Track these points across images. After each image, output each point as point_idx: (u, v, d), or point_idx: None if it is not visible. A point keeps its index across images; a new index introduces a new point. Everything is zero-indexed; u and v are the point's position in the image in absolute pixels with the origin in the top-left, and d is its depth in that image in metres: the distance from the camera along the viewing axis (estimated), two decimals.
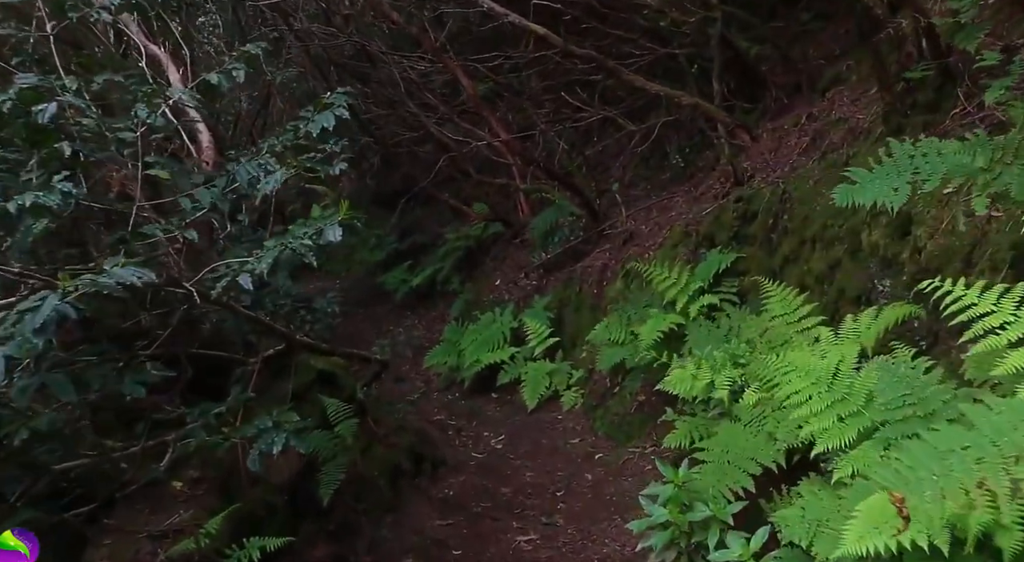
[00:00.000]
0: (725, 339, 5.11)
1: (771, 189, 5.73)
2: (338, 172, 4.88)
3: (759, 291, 5.62)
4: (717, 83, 7.51)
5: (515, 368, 8.10)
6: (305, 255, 3.25)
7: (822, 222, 5.02)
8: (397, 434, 5.39)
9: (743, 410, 4.34)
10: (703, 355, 4.77)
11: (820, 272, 4.96)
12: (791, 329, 4.62)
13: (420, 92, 10.08)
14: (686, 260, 6.52)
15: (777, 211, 5.59)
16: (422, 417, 8.21)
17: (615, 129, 10.20)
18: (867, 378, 3.54)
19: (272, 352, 4.61)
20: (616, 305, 7.31)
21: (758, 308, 5.51)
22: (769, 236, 5.65)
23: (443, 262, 11.51)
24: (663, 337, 5.82)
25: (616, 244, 8.02)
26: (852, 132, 5.49)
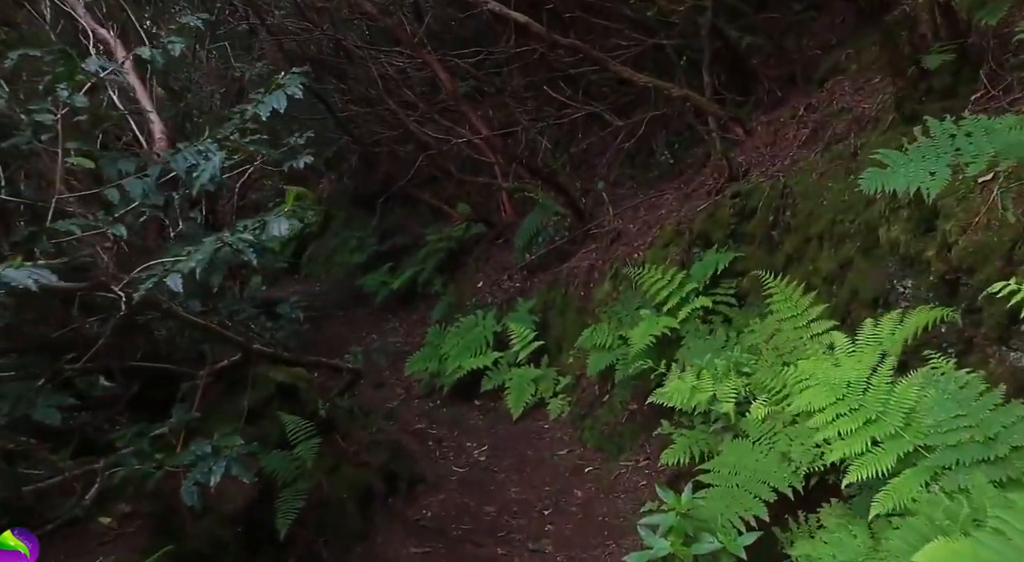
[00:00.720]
0: (725, 345, 4.57)
1: (771, 184, 5.21)
2: (302, 166, 4.34)
3: (760, 292, 5.09)
4: (707, 75, 7.00)
5: (499, 374, 7.53)
6: (244, 252, 2.66)
7: (830, 218, 4.49)
8: (370, 451, 4.80)
9: (750, 425, 3.80)
10: (703, 364, 4.22)
11: (829, 272, 4.44)
12: (800, 334, 4.09)
13: (399, 89, 9.49)
14: (679, 260, 5.98)
15: (778, 207, 5.06)
16: (401, 427, 7.62)
17: (600, 126, 9.68)
18: (904, 394, 3.02)
19: (226, 363, 4.01)
20: (604, 308, 6.77)
21: (760, 311, 4.99)
22: (769, 234, 5.12)
23: (424, 264, 10.92)
24: (656, 342, 5.27)
25: (603, 244, 7.47)
26: (858, 122, 4.98)
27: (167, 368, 3.83)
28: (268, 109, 3.19)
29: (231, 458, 2.78)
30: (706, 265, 5.47)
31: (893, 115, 4.58)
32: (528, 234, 8.46)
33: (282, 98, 3.20)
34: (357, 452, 4.65)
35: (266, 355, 4.26)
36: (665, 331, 5.26)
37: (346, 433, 4.82)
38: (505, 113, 10.05)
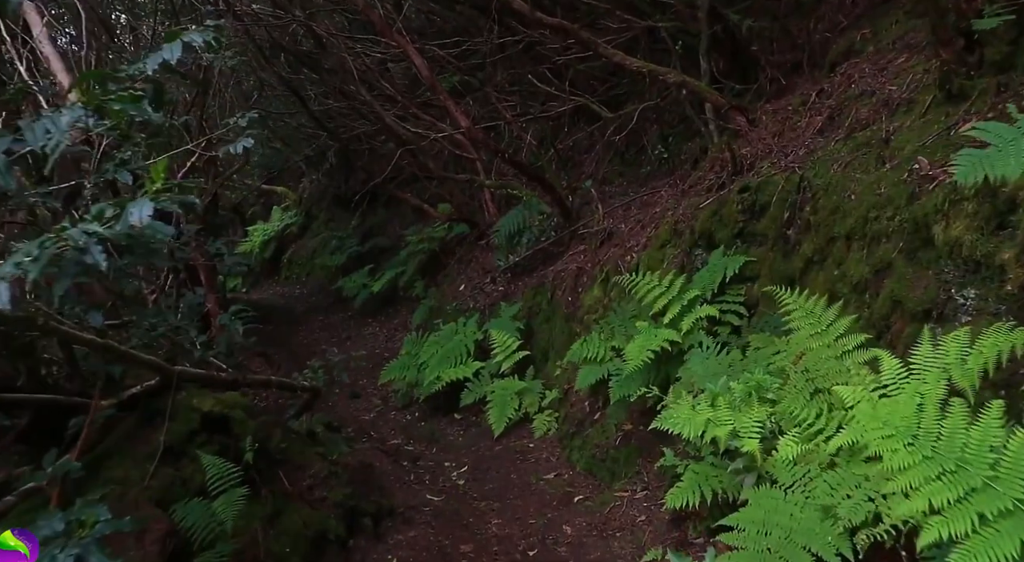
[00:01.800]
0: (741, 364, 3.73)
1: (785, 177, 4.39)
2: (240, 150, 3.48)
3: (774, 301, 4.27)
4: (705, 62, 6.18)
5: (480, 386, 6.68)
6: (89, 250, 1.79)
7: (861, 214, 3.67)
8: (328, 483, 3.94)
9: (779, 467, 2.97)
10: (717, 389, 3.39)
11: (860, 278, 3.62)
12: (833, 353, 3.26)
13: (377, 81, 8.61)
14: (678, 263, 5.15)
15: (794, 203, 4.24)
16: (375, 442, 6.76)
17: (587, 121, 8.84)
18: (985, 433, 2.21)
19: (139, 390, 3.15)
20: (595, 315, 5.94)
21: (776, 323, 4.16)
22: (784, 233, 4.30)
23: (405, 266, 10.07)
24: (654, 358, 4.44)
25: (592, 245, 6.63)
26: (886, 105, 4.17)
27: (54, 399, 2.96)
28: (155, 63, 2.31)
29: (90, 541, 1.93)
30: (712, 270, 4.65)
31: (934, 94, 3.77)
32: (509, 232, 7.61)
33: (176, 49, 2.32)
34: (311, 487, 3.80)
35: (195, 378, 3.38)
36: (665, 345, 4.43)
37: (301, 463, 3.97)
38: (488, 109, 9.19)
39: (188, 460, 3.07)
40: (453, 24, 10.10)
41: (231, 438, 3.28)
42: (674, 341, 4.45)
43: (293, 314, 11.66)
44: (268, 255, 13.23)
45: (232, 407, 3.36)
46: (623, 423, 5.11)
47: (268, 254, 13.22)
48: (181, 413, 3.17)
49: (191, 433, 3.17)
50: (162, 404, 3.14)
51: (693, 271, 4.94)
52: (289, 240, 13.10)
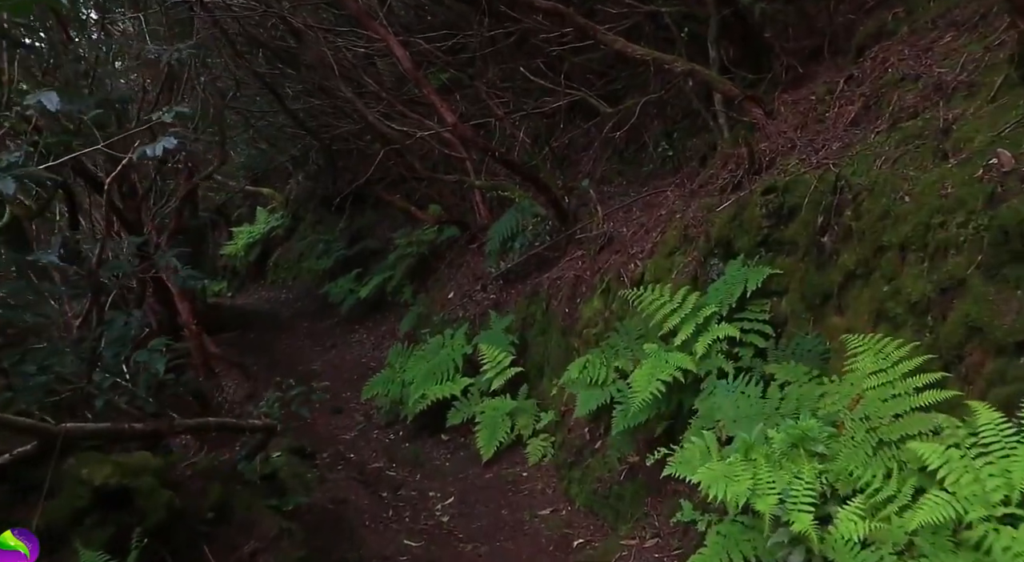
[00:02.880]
0: (776, 402, 3.00)
1: (817, 175, 3.66)
2: (160, 152, 2.76)
3: (806, 318, 3.55)
4: (714, 50, 5.45)
5: (468, 406, 5.94)
6: None
7: (921, 219, 2.95)
8: (277, 546, 3.20)
9: (839, 550, 2.24)
10: (751, 438, 2.65)
11: (921, 297, 2.89)
12: (900, 400, 2.53)
13: (359, 76, 7.85)
14: (690, 273, 4.42)
15: (830, 205, 3.51)
16: (355, 465, 6.03)
17: (583, 118, 8.10)
18: None
19: (8, 458, 2.37)
20: (594, 329, 5.21)
21: (808, 345, 3.44)
22: (818, 241, 3.57)
23: (393, 270, 9.33)
24: (665, 390, 3.71)
25: (591, 250, 5.90)
26: (938, 90, 3.44)
27: None
28: None
29: None
30: (730, 282, 3.91)
31: (1006, 74, 3.04)
32: (501, 236, 6.87)
33: None
34: (255, 554, 3.06)
35: (95, 434, 2.61)
36: (678, 375, 3.69)
37: (247, 521, 3.23)
38: (479, 106, 8.44)
39: (71, 552, 2.31)
40: (442, 18, 9.34)
41: (134, 515, 2.51)
42: (688, 369, 3.71)
43: (278, 320, 10.91)
44: (253, 258, 12.47)
45: (138, 473, 2.59)
46: (628, 455, 4.38)
47: (253, 257, 12.46)
48: (66, 486, 2.41)
49: (78, 513, 2.40)
50: (42, 475, 2.38)
51: (707, 283, 4.20)
52: (275, 243, 12.34)
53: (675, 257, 4.73)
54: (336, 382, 8.35)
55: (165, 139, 2.82)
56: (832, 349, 3.40)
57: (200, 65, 7.80)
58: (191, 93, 8.03)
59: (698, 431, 3.49)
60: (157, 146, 2.80)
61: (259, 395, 8.26)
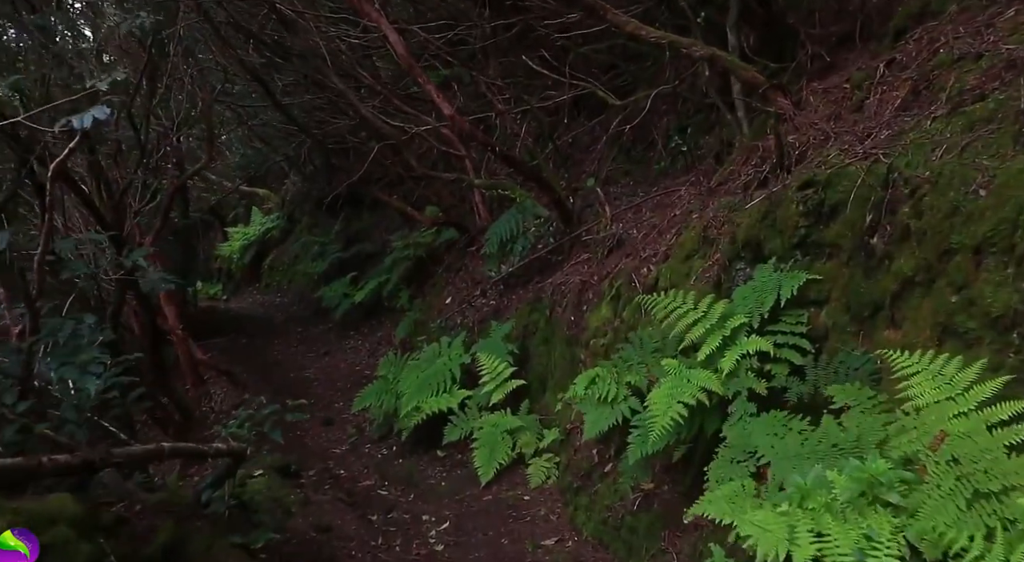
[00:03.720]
0: (834, 436, 2.45)
1: (864, 167, 3.13)
2: (89, 123, 2.24)
3: (850, 332, 3.02)
4: (734, 36, 4.93)
5: (466, 421, 5.41)
6: None
7: (1004, 216, 2.42)
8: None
9: None
10: (808, 483, 2.12)
11: (1004, 310, 2.36)
12: (992, 437, 2.00)
13: (353, 68, 7.34)
14: (712, 279, 3.89)
15: (881, 201, 2.98)
16: (344, 483, 5.50)
17: (588, 115, 7.59)
18: None
19: None
20: (603, 339, 4.68)
21: (855, 363, 2.91)
22: (866, 242, 3.04)
23: (389, 274, 8.80)
24: (687, 414, 3.18)
25: (598, 254, 5.37)
26: (1011, 68, 2.92)
27: None
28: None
29: None
30: (760, 289, 3.38)
31: None
32: (501, 238, 6.35)
33: None
34: None
35: None
36: (702, 397, 3.16)
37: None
38: (479, 103, 7.93)
39: None
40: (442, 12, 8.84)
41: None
42: (714, 390, 3.17)
43: (271, 325, 10.38)
44: (248, 260, 11.95)
45: (51, 523, 2.08)
46: (642, 482, 3.84)
47: (248, 259, 11.93)
48: None
49: None
50: None
51: (732, 289, 3.67)
52: (271, 245, 11.82)
53: (693, 261, 4.20)
54: (329, 391, 7.83)
55: (96, 108, 2.30)
56: (884, 368, 2.87)
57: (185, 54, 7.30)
58: (179, 85, 7.53)
59: (727, 463, 2.97)
60: (86, 117, 2.29)
61: (248, 404, 7.75)
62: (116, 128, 7.11)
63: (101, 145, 6.44)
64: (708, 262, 4.07)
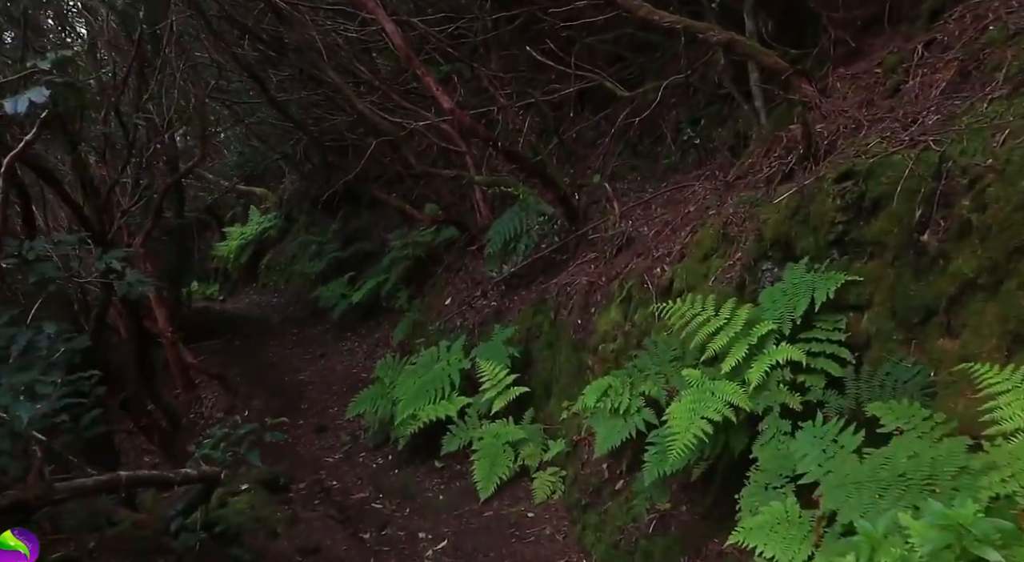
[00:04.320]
0: (901, 472, 2.05)
1: (913, 155, 2.73)
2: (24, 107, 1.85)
3: (897, 341, 2.63)
4: (751, 21, 4.54)
5: (465, 430, 5.02)
6: None
7: None
8: None
9: None
10: (880, 530, 1.72)
11: None
12: None
13: (350, 62, 6.94)
14: (734, 280, 3.50)
15: (934, 193, 2.59)
16: (337, 496, 5.12)
17: (592, 110, 7.19)
18: None
19: None
20: (612, 344, 4.29)
21: (904, 375, 2.53)
22: (916, 240, 2.65)
23: (388, 274, 8.41)
24: (712, 431, 2.79)
25: (606, 253, 4.98)
26: None
27: None
28: None
29: None
30: (790, 292, 2.99)
31: None
32: (503, 237, 5.95)
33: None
34: None
35: None
36: (728, 413, 2.77)
37: None
38: (481, 98, 7.53)
39: None
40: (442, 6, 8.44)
41: None
42: (742, 406, 2.78)
43: (267, 326, 9.99)
44: (245, 260, 11.55)
45: None
46: (659, 503, 3.45)
47: (245, 259, 11.54)
48: None
49: None
50: None
51: (758, 292, 3.28)
52: (268, 244, 11.42)
53: (712, 261, 3.81)
54: (324, 395, 7.45)
55: (33, 91, 1.92)
56: (940, 382, 2.48)
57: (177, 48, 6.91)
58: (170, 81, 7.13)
59: (760, 490, 2.58)
60: (20, 100, 1.91)
61: (240, 409, 7.36)
62: (104, 123, 6.74)
63: (84, 141, 6.05)
64: (729, 262, 3.68)
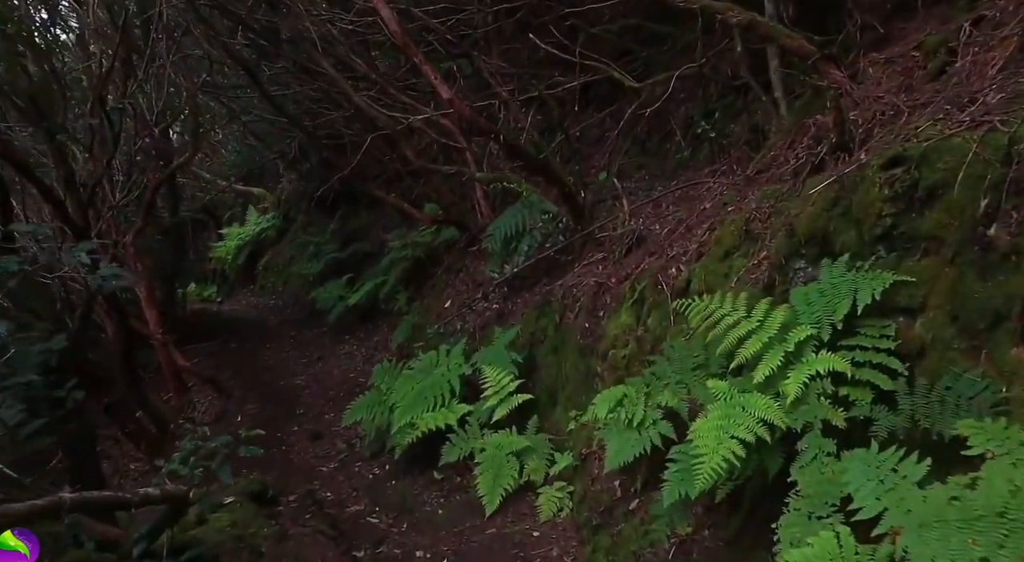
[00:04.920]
0: (1001, 509, 1.68)
1: (976, 137, 2.36)
2: None
3: (965, 351, 2.26)
4: (771, 4, 4.16)
5: (466, 441, 4.64)
6: None
7: None
8: None
9: None
10: None
11: None
12: None
13: (346, 54, 6.57)
14: (762, 280, 3.13)
15: (1002, 180, 2.22)
16: (330, 508, 4.74)
17: (597, 106, 6.84)
18: None
19: None
20: (623, 350, 3.91)
21: (970, 389, 2.16)
22: (980, 234, 2.29)
23: (387, 275, 8.03)
24: (744, 453, 2.42)
25: (615, 253, 4.62)
26: None
27: None
28: None
29: None
30: (831, 294, 2.62)
31: None
32: (504, 236, 5.58)
33: None
34: None
35: None
36: (762, 432, 2.39)
37: None
38: (482, 95, 7.15)
39: None
40: None
41: None
42: (780, 421, 2.41)
43: (264, 328, 9.61)
44: (243, 261, 11.18)
45: None
46: (680, 526, 3.07)
47: (242, 260, 11.17)
48: None
49: None
50: None
51: (789, 293, 2.90)
52: (266, 245, 11.05)
53: (733, 260, 3.44)
54: (319, 400, 7.07)
55: None
56: (1015, 398, 2.11)
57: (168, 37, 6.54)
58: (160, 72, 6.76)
59: (803, 519, 2.21)
60: None
61: (233, 414, 6.98)
62: (89, 115, 6.37)
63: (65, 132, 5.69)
64: (753, 261, 3.31)
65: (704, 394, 2.77)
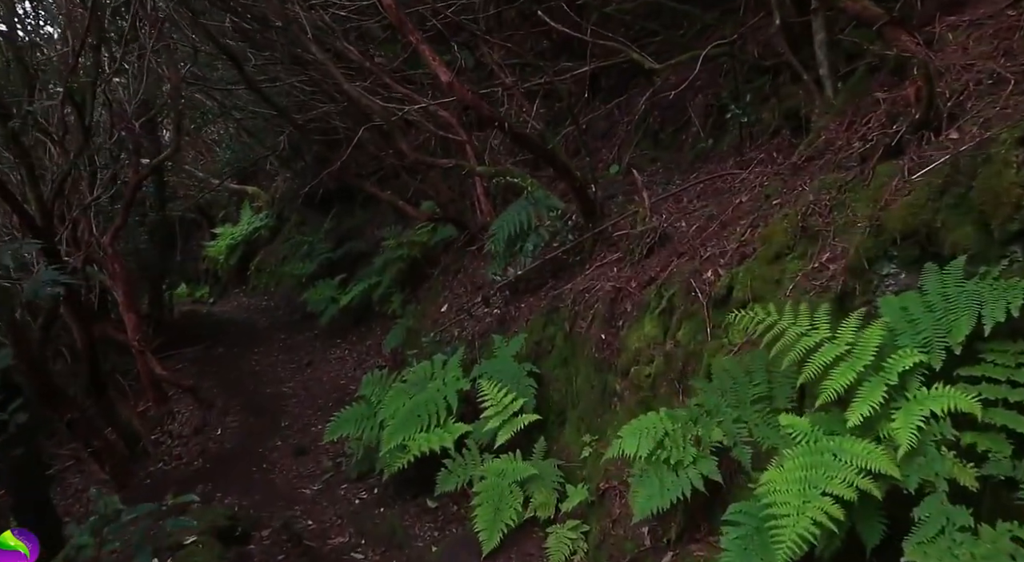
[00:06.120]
0: None
1: None
2: None
3: None
4: None
5: (464, 467, 3.92)
6: None
7: None
8: None
9: None
10: None
11: None
12: None
13: (339, 40, 5.84)
14: (828, 288, 2.41)
15: None
16: (311, 541, 4.01)
17: (604, 98, 6.13)
18: None
19: None
20: (648, 367, 3.20)
21: None
22: None
23: (381, 276, 7.30)
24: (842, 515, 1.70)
25: (634, 254, 3.89)
26: None
27: None
28: None
29: None
30: (940, 307, 1.91)
31: None
32: (508, 234, 4.86)
33: None
34: None
35: None
36: (867, 485, 1.68)
37: None
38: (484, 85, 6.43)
39: None
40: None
41: None
42: (888, 476, 1.70)
43: (253, 331, 8.86)
44: (235, 261, 10.43)
45: None
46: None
47: (235, 260, 10.42)
48: None
49: None
50: None
51: (872, 305, 2.19)
52: (259, 245, 10.30)
53: (786, 262, 2.73)
54: (307, 410, 6.33)
55: None
56: None
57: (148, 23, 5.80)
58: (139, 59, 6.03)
59: None
60: None
61: (213, 427, 6.24)
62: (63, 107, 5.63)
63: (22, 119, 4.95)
64: (813, 264, 2.60)
65: (771, 435, 2.06)
